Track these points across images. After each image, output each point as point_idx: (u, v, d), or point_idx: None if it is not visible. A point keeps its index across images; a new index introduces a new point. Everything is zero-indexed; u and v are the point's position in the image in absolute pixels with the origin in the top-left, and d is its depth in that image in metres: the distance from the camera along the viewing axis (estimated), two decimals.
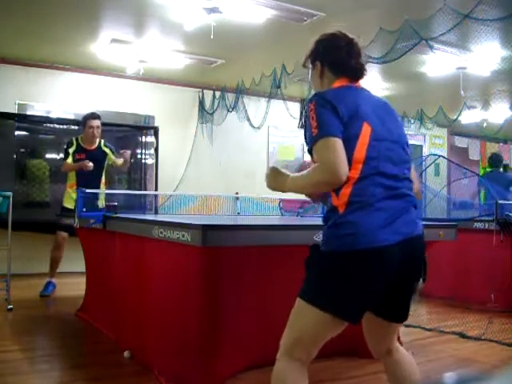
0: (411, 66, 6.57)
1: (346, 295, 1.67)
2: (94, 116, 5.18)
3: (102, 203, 4.96)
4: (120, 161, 5.19)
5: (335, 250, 1.68)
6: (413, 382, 1.88)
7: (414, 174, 1.93)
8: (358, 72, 1.88)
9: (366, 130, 1.72)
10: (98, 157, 5.18)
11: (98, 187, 5.06)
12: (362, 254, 1.64)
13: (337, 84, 1.86)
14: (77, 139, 5.21)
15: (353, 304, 1.69)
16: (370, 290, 1.69)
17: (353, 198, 1.67)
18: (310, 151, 1.74)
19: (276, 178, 1.86)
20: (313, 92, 1.90)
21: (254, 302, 2.88)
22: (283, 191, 1.84)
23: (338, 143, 1.65)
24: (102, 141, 5.27)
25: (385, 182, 1.71)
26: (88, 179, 4.89)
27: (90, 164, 4.93)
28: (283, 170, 1.85)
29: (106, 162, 5.27)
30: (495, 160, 6.76)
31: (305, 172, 1.74)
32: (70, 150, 5.13)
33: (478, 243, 4.94)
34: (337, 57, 1.88)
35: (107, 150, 5.26)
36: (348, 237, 1.66)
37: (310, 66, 1.97)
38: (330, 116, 1.69)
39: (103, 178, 5.26)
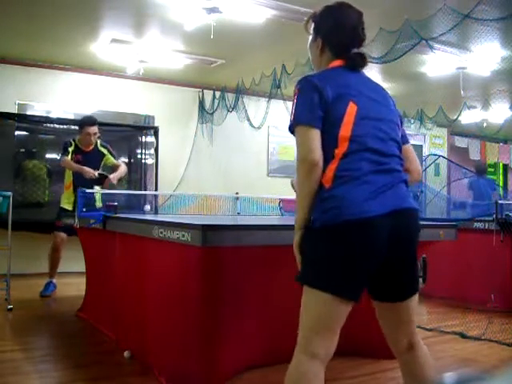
0: (411, 66, 6.57)
1: (340, 270, 1.66)
2: (91, 122, 5.10)
3: (99, 204, 4.94)
4: (114, 177, 5.08)
5: (322, 226, 1.67)
6: (429, 381, 1.83)
7: (412, 154, 1.93)
8: (357, 65, 1.86)
9: (351, 109, 1.74)
10: (95, 158, 5.16)
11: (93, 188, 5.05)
12: (347, 225, 1.64)
13: (333, 64, 1.87)
14: (74, 140, 5.17)
15: (348, 279, 1.67)
16: (360, 262, 1.66)
17: (339, 173, 1.69)
18: (291, 132, 1.81)
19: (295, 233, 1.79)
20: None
21: (254, 302, 2.88)
22: (303, 221, 1.74)
23: (310, 132, 1.70)
24: (99, 141, 5.23)
25: (372, 157, 1.72)
26: (85, 180, 4.86)
27: (96, 174, 4.93)
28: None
29: (103, 163, 5.22)
30: (481, 168, 7.82)
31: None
32: (70, 149, 5.11)
33: (478, 243, 4.95)
34: (340, 40, 1.88)
35: (105, 151, 5.22)
36: (333, 210, 1.66)
37: (312, 34, 1.95)
38: (309, 103, 1.73)
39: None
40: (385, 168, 1.73)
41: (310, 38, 1.97)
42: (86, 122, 5.13)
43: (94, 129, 5.09)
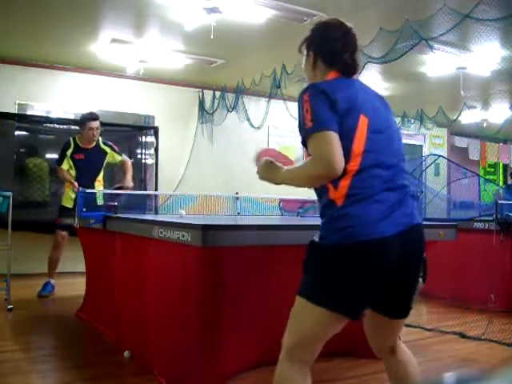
0: (411, 66, 6.57)
1: (348, 290, 1.65)
2: (93, 117, 5.15)
3: (100, 201, 4.98)
4: (128, 181, 5.20)
5: (334, 244, 1.66)
6: (414, 382, 1.87)
7: None
8: (350, 68, 1.85)
9: (363, 122, 1.70)
10: (97, 156, 5.20)
11: (94, 185, 5.09)
12: (362, 245, 1.62)
13: (329, 76, 1.83)
14: (74, 139, 5.20)
15: (354, 299, 1.67)
16: (371, 283, 1.66)
17: (352, 191, 1.66)
18: (303, 143, 1.71)
19: (269, 169, 1.85)
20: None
21: (254, 302, 2.88)
22: (275, 183, 1.83)
23: (334, 136, 1.63)
24: (100, 139, 5.25)
25: (383, 173, 1.71)
26: (86, 178, 4.91)
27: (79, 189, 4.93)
28: (277, 163, 1.84)
29: (106, 161, 5.26)
30: None
31: (300, 164, 1.74)
32: (68, 152, 5.12)
33: (478, 243, 4.94)
34: (330, 49, 1.85)
35: (107, 149, 5.26)
36: (347, 229, 1.64)
37: (305, 52, 1.94)
38: (325, 108, 1.65)
39: (100, 176, 5.27)
40: (396, 185, 1.73)
41: (304, 58, 1.95)
42: (87, 117, 5.18)
43: (96, 123, 5.13)
